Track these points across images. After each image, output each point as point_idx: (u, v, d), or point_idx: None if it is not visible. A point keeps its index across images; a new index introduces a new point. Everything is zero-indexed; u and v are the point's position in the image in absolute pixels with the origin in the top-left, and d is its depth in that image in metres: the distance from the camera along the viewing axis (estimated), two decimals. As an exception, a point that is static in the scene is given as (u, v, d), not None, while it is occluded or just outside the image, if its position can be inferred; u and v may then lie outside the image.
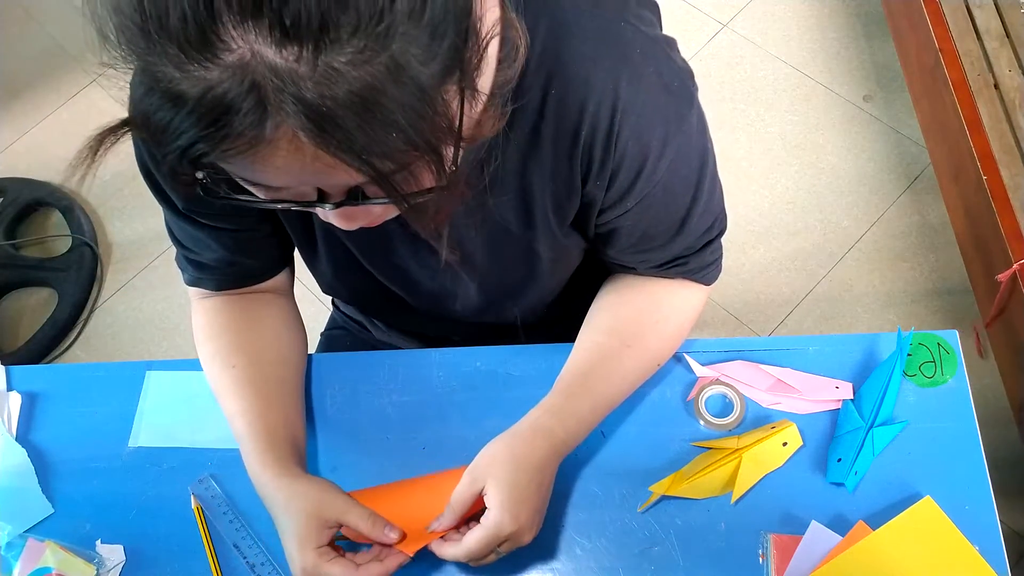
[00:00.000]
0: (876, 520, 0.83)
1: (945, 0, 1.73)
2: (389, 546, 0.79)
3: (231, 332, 0.90)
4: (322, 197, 0.58)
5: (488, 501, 0.76)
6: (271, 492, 0.80)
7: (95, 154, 0.55)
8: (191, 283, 0.92)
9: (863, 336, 0.94)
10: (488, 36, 0.58)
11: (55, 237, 2.08)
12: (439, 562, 0.80)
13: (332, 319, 1.23)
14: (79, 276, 1.99)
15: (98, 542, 0.89)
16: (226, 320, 0.91)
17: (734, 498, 0.86)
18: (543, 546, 0.86)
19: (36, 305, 2.00)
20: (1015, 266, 1.44)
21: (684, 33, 2.22)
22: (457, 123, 0.56)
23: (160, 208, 0.85)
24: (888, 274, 1.86)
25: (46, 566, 0.86)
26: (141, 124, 0.53)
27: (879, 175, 1.98)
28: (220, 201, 0.60)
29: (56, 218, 2.11)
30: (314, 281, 0.98)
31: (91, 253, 2.01)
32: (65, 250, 2.03)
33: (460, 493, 0.78)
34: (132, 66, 0.51)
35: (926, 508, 0.83)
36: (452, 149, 0.57)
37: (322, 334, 1.22)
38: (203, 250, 0.87)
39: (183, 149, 0.51)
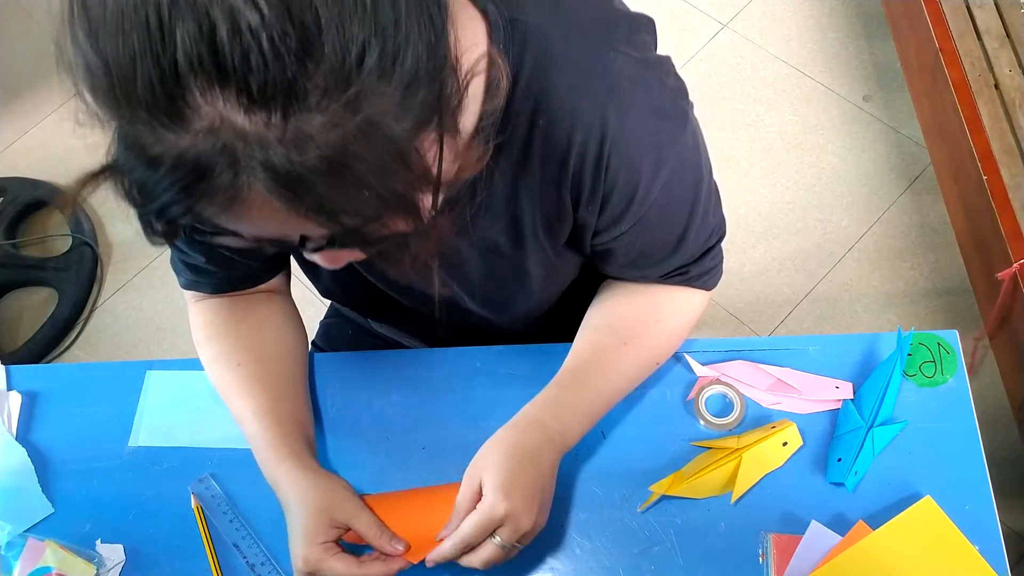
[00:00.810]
0: (876, 520, 0.83)
1: (945, 0, 1.74)
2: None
3: (233, 332, 0.90)
4: (303, 239, 0.58)
5: (484, 490, 0.76)
6: (286, 484, 0.81)
7: (76, 198, 0.55)
8: (187, 287, 0.92)
9: (863, 336, 0.94)
10: (469, 75, 0.57)
11: (55, 237, 2.08)
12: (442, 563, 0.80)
13: (332, 307, 1.23)
14: (79, 276, 1.99)
15: (98, 542, 0.89)
16: (227, 320, 0.91)
17: (734, 498, 0.86)
18: (543, 546, 0.86)
19: (36, 305, 2.00)
20: (1015, 266, 1.44)
21: (684, 33, 2.22)
22: (435, 170, 0.56)
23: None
24: (888, 274, 1.86)
25: (46, 566, 0.87)
26: (120, 175, 0.53)
27: (879, 175, 1.98)
28: (202, 242, 0.59)
29: (56, 218, 2.11)
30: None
31: (91, 253, 2.01)
32: (65, 250, 2.04)
33: (462, 494, 0.78)
34: (109, 122, 0.51)
35: (926, 508, 0.83)
36: (431, 196, 0.57)
37: (321, 323, 1.22)
38: (199, 254, 0.87)
39: (158, 210, 0.52)
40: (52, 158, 2.15)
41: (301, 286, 1.00)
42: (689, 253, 0.83)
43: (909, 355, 0.92)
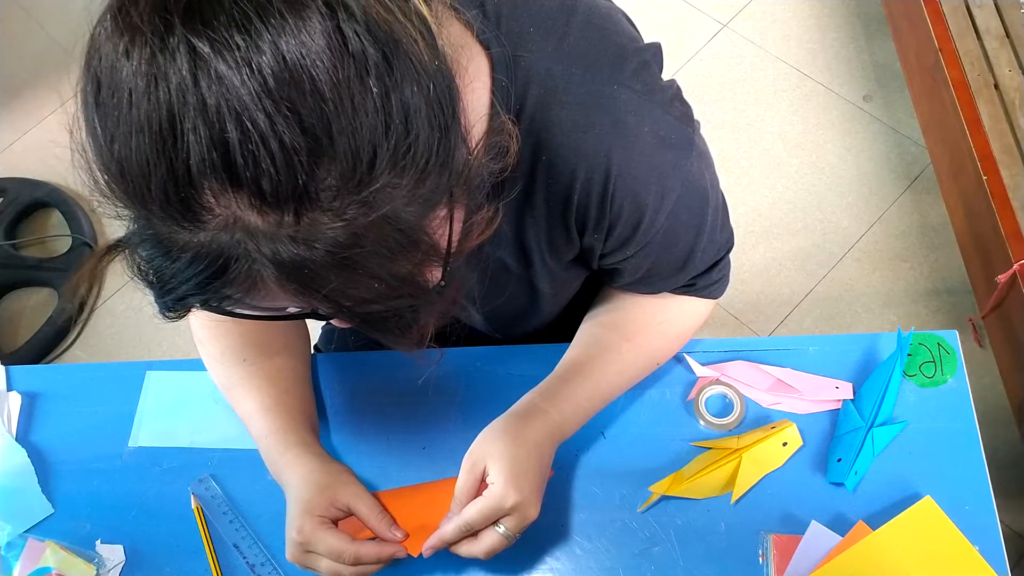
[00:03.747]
0: (876, 520, 0.83)
1: (945, 0, 1.74)
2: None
3: (237, 329, 0.91)
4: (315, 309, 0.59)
5: (490, 478, 0.76)
6: (293, 467, 0.82)
7: (92, 274, 0.57)
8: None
9: (863, 336, 0.94)
10: (480, 147, 0.57)
11: (55, 237, 2.08)
12: (438, 557, 0.80)
13: None
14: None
15: (98, 542, 0.89)
16: (230, 319, 0.91)
17: (734, 498, 0.86)
18: (543, 546, 0.86)
19: (36, 305, 2.00)
20: (1015, 266, 1.44)
21: (684, 33, 2.22)
22: (444, 244, 0.56)
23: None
24: (888, 274, 1.86)
25: (46, 566, 0.87)
26: (135, 256, 0.54)
27: (879, 175, 1.98)
28: (219, 314, 0.60)
29: (56, 218, 2.11)
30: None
31: (91, 253, 2.01)
32: (65, 250, 2.04)
33: (462, 481, 0.78)
34: (126, 214, 0.52)
35: (926, 508, 0.83)
36: (439, 269, 0.57)
37: (323, 328, 1.22)
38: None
39: (178, 299, 0.53)
40: (52, 158, 2.15)
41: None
42: (696, 269, 0.83)
43: (909, 355, 0.92)
